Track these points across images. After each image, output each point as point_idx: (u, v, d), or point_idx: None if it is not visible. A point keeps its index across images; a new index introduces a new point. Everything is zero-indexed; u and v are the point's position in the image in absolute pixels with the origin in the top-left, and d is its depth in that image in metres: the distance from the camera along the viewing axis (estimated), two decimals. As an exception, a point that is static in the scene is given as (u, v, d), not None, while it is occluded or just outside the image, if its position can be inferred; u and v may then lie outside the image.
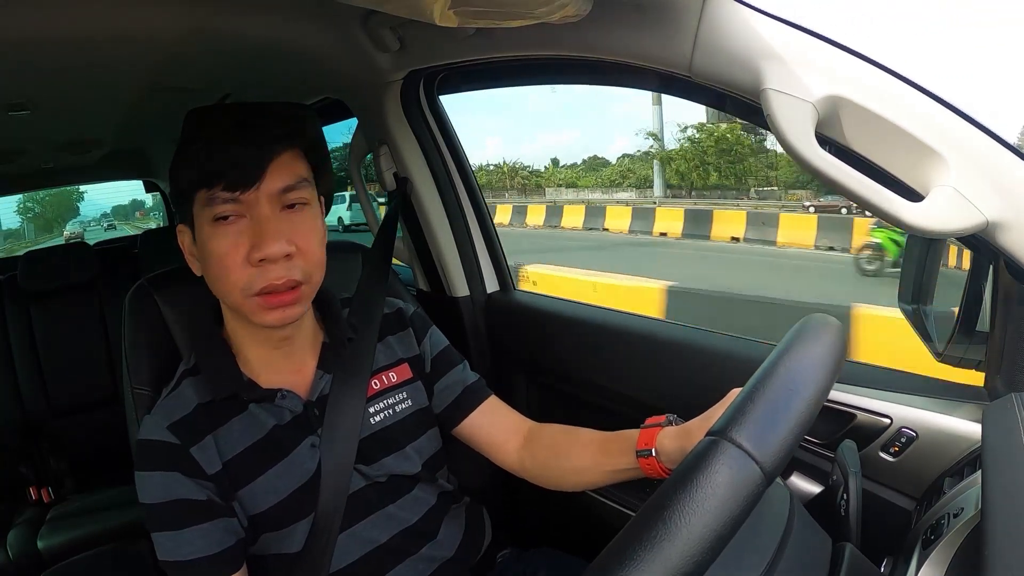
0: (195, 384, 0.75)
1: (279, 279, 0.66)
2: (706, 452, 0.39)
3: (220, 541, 0.69)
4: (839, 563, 0.49)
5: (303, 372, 0.78)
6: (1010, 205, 0.57)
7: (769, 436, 0.40)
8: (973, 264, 0.71)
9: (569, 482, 0.81)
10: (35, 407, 1.89)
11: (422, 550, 0.80)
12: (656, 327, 1.09)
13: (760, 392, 0.43)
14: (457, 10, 0.64)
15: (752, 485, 0.38)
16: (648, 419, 0.73)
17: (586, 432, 0.81)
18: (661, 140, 25.35)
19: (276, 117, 0.70)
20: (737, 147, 23.48)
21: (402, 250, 1.39)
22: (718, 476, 0.37)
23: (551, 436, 0.83)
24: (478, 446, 0.87)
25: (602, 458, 0.76)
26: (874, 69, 0.60)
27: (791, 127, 0.59)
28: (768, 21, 0.63)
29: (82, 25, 0.88)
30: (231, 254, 0.66)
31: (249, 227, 0.66)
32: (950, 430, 0.69)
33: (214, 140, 0.67)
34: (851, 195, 0.58)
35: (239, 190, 0.66)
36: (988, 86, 46.06)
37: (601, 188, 27.52)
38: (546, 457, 0.82)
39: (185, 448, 0.70)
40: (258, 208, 0.67)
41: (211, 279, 0.70)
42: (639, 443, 0.70)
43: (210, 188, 0.66)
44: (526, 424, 0.87)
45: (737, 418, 0.41)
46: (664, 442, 0.68)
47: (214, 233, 0.67)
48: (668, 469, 0.68)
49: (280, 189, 0.68)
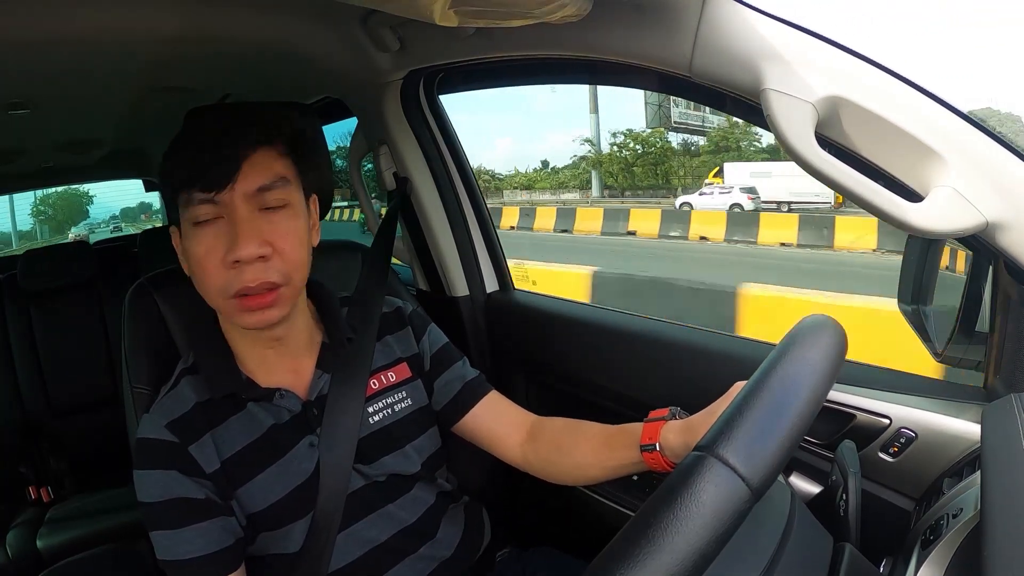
0: (194, 383, 0.75)
1: (253, 281, 0.66)
2: (692, 468, 0.39)
3: (219, 540, 0.69)
4: (838, 563, 0.49)
5: (301, 372, 0.78)
6: (1010, 205, 0.57)
7: (757, 452, 0.39)
8: (973, 264, 0.71)
9: (572, 477, 0.80)
10: (35, 407, 1.89)
11: (421, 549, 0.80)
12: (656, 327, 1.09)
13: (749, 405, 0.42)
14: (457, 10, 0.64)
15: (738, 502, 0.37)
16: (652, 412, 0.73)
17: (589, 426, 0.80)
18: (598, 145, 27.60)
19: (252, 116, 0.70)
20: (654, 151, 26.14)
21: (402, 250, 1.39)
22: (703, 494, 0.37)
23: (554, 430, 0.83)
24: (480, 441, 0.87)
25: (606, 453, 0.75)
26: (874, 69, 0.60)
27: (791, 127, 0.59)
28: (768, 21, 0.63)
29: (82, 25, 0.88)
30: (209, 256, 0.66)
31: (226, 228, 0.66)
32: (949, 430, 0.69)
33: (193, 142, 0.67)
34: (851, 195, 0.58)
35: (214, 190, 0.65)
36: (987, 86, 46.01)
37: (551, 190, 29.76)
38: (549, 452, 0.81)
39: (183, 446, 0.70)
40: (234, 209, 0.66)
41: (195, 281, 0.70)
42: (643, 437, 0.70)
43: (189, 190, 0.66)
44: (528, 418, 0.86)
45: (724, 433, 0.40)
46: (668, 436, 0.68)
47: (193, 235, 0.67)
48: (672, 463, 0.68)
49: (256, 189, 0.67)
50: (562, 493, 1.12)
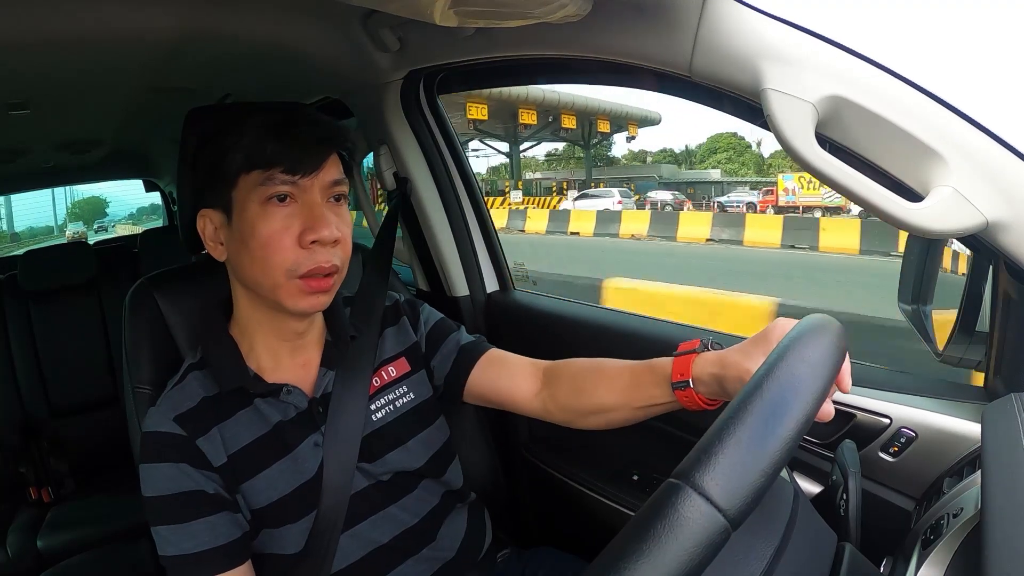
0: (201, 378, 0.75)
1: (327, 262, 0.69)
2: (667, 498, 0.37)
3: (226, 533, 0.70)
4: (839, 563, 0.49)
5: (308, 369, 0.78)
6: (1010, 205, 0.56)
7: (736, 481, 0.37)
8: (973, 264, 0.71)
9: (596, 421, 0.76)
10: (35, 407, 1.89)
11: (423, 551, 0.80)
12: (656, 327, 1.09)
13: (731, 429, 0.39)
14: (457, 10, 0.64)
15: (714, 535, 0.36)
16: (680, 345, 0.67)
17: (612, 365, 0.75)
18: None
19: (327, 120, 0.74)
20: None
21: (402, 250, 1.39)
22: (677, 528, 0.36)
23: (572, 373, 0.78)
24: (493, 401, 0.84)
25: (632, 393, 0.71)
26: (874, 69, 0.60)
27: (791, 127, 0.59)
28: (768, 21, 0.63)
29: (82, 25, 0.88)
30: (281, 234, 0.68)
31: (300, 211, 0.69)
32: (950, 430, 0.69)
33: (270, 127, 0.69)
34: (851, 195, 0.58)
35: (299, 174, 0.68)
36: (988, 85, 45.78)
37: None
38: (568, 396, 0.77)
39: (192, 440, 0.70)
40: (311, 194, 0.70)
41: (250, 260, 0.70)
42: (674, 374, 0.65)
43: (266, 170, 0.68)
44: (539, 365, 0.82)
45: (703, 460, 0.38)
46: (701, 371, 0.64)
47: (264, 213, 0.68)
48: (707, 401, 0.64)
49: (332, 181, 0.71)
50: (563, 493, 1.12)
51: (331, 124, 0.73)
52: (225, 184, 0.70)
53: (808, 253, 10.10)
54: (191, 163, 0.74)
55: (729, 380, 0.61)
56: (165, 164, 2.68)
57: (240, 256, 0.71)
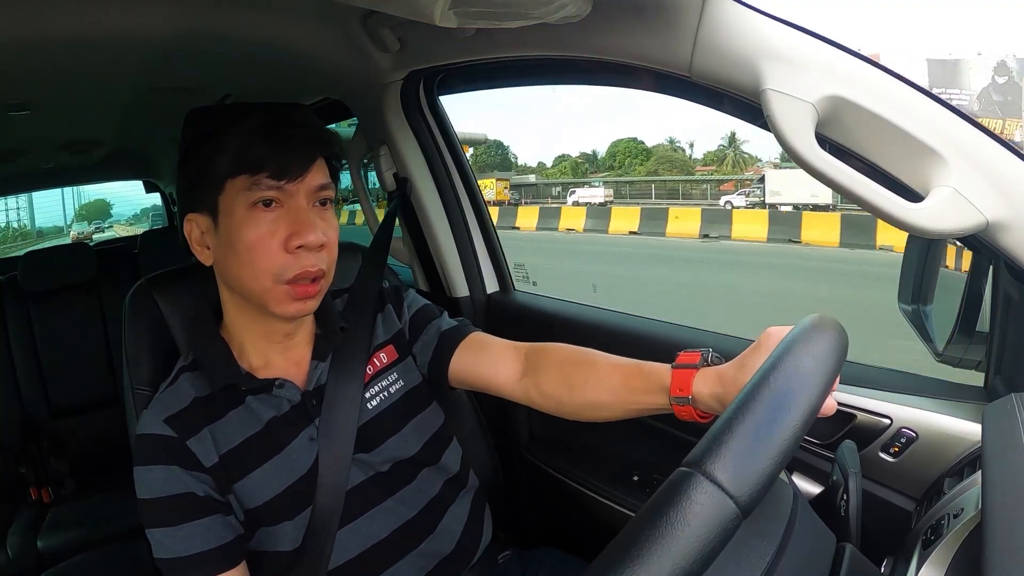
0: (192, 379, 0.75)
1: (313, 266, 0.69)
2: (678, 486, 0.37)
3: (219, 536, 0.69)
4: (839, 563, 0.49)
5: (300, 365, 0.78)
6: (1010, 205, 0.56)
7: (746, 469, 0.38)
8: (973, 264, 0.71)
9: (586, 415, 0.76)
10: (35, 407, 1.89)
11: (421, 545, 0.79)
12: (656, 327, 1.09)
13: (740, 418, 0.40)
14: (457, 10, 0.64)
15: (725, 522, 0.36)
16: (680, 355, 0.66)
17: (604, 362, 0.74)
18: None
19: (317, 125, 0.74)
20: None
21: (402, 251, 1.39)
22: (690, 515, 0.36)
23: (559, 363, 0.77)
24: (475, 385, 0.84)
25: (626, 395, 0.70)
26: (874, 69, 0.60)
27: (791, 127, 0.59)
28: (768, 21, 0.63)
29: (82, 25, 0.88)
30: (268, 239, 0.68)
31: (286, 216, 0.69)
32: (950, 430, 0.69)
33: (258, 131, 0.68)
34: (851, 195, 0.58)
35: (284, 179, 0.68)
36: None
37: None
38: (557, 389, 0.76)
39: (182, 441, 0.70)
40: (297, 199, 0.69)
41: (237, 265, 0.70)
42: (673, 388, 0.65)
43: (253, 175, 0.67)
44: (519, 351, 0.81)
45: (713, 449, 0.38)
46: (700, 388, 0.63)
47: (249, 218, 0.68)
48: (705, 417, 0.64)
49: (317, 186, 0.71)
50: (563, 493, 1.12)
51: (318, 128, 0.73)
52: (212, 188, 0.70)
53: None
54: (183, 166, 0.74)
55: (729, 397, 0.61)
56: (165, 165, 2.68)
57: (227, 261, 0.71)
